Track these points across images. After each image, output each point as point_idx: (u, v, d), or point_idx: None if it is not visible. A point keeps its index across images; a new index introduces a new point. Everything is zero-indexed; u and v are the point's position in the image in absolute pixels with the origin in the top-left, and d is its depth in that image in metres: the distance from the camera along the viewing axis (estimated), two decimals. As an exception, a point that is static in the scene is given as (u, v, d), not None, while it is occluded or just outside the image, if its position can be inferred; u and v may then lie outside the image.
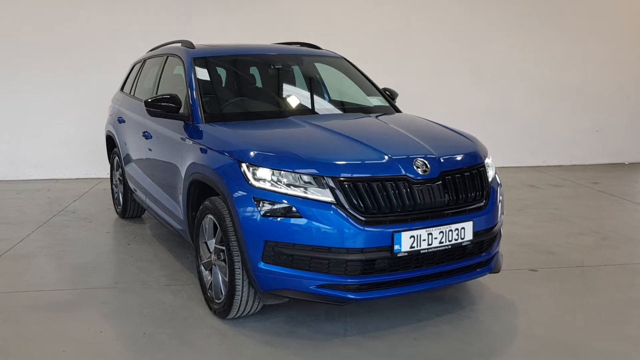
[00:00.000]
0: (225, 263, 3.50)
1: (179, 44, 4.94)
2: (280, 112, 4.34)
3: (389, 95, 4.93)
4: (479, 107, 9.10)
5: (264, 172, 3.25)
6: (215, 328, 3.53)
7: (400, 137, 3.69)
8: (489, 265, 3.61)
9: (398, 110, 4.72)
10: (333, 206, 3.11)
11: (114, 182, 6.27)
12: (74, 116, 8.39)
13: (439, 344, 3.32)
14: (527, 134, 9.33)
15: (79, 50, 8.28)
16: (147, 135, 4.78)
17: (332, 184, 3.14)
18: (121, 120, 5.70)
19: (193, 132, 3.97)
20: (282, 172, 3.22)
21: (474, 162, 3.57)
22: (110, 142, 6.26)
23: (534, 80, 9.28)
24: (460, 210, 3.36)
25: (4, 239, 5.39)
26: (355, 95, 4.78)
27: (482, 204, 3.49)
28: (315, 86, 4.80)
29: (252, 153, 3.35)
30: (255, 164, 3.29)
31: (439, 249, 3.27)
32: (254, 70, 4.73)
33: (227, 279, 3.47)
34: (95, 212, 6.44)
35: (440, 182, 3.32)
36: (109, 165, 8.26)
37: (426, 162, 3.33)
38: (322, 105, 4.59)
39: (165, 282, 4.31)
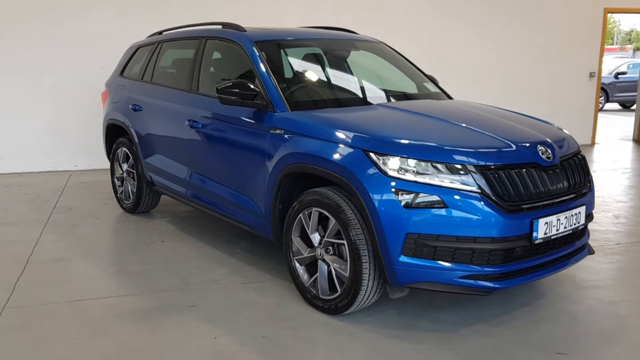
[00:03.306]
0: (342, 257, 3.37)
1: (219, 27, 4.64)
2: (360, 99, 4.20)
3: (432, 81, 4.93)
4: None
5: (399, 162, 3.13)
6: (332, 326, 3.38)
7: (506, 124, 3.69)
8: (587, 248, 3.74)
9: (449, 97, 4.73)
10: (479, 195, 3.06)
11: (118, 175, 5.77)
12: (37, 104, 7.63)
13: (561, 327, 3.40)
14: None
15: (46, 29, 7.51)
16: (195, 125, 4.44)
17: (475, 173, 3.09)
18: (137, 109, 5.26)
19: (280, 121, 3.74)
20: (419, 160, 3.12)
21: (576, 148, 3.68)
22: (114, 133, 5.76)
23: (497, 69, 9.66)
24: (576, 195, 3.45)
25: (16, 242, 4.84)
26: (409, 81, 4.72)
27: (588, 188, 3.59)
28: (374, 72, 4.69)
29: (383, 141, 3.21)
30: (388, 153, 3.15)
31: (563, 234, 3.33)
32: (313, 56, 4.54)
33: (346, 274, 3.33)
34: (94, 208, 5.92)
35: (562, 167, 3.38)
36: (80, 157, 7.74)
37: (547, 149, 3.37)
38: (391, 92, 4.48)
39: (238, 279, 4.06)
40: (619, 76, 18.46)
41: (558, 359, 3.06)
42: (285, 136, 3.67)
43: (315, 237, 3.54)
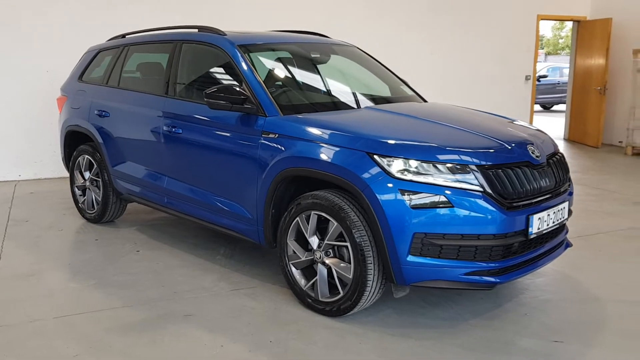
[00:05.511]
0: (342, 259, 3.41)
1: (195, 30, 4.58)
2: (346, 102, 4.24)
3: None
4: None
5: (403, 163, 3.19)
6: (337, 328, 3.41)
7: (495, 125, 3.83)
8: (567, 242, 3.94)
9: (424, 99, 4.86)
10: (481, 194, 3.17)
11: (78, 184, 5.52)
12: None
13: (551, 316, 3.58)
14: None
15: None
16: (174, 131, 4.33)
17: (477, 172, 3.20)
18: (104, 114, 5.07)
19: (273, 125, 3.72)
20: (423, 162, 3.19)
21: (557, 148, 3.88)
22: (74, 140, 5.52)
23: (438, 73, 9.98)
24: (561, 192, 3.64)
25: (-22, 257, 4.55)
26: (386, 84, 4.81)
27: (568, 185, 3.80)
28: (354, 76, 4.75)
29: (387, 143, 3.27)
30: (393, 154, 3.21)
31: (552, 229, 3.51)
32: (294, 59, 4.54)
33: (349, 276, 3.36)
34: (53, 219, 5.65)
35: (549, 166, 3.56)
36: (24, 166, 7.35)
37: (536, 148, 3.54)
38: (373, 95, 4.55)
39: (227, 286, 4.00)
40: (541, 79, 19.47)
41: (556, 347, 3.22)
42: (280, 140, 3.66)
43: (314, 241, 3.55)
